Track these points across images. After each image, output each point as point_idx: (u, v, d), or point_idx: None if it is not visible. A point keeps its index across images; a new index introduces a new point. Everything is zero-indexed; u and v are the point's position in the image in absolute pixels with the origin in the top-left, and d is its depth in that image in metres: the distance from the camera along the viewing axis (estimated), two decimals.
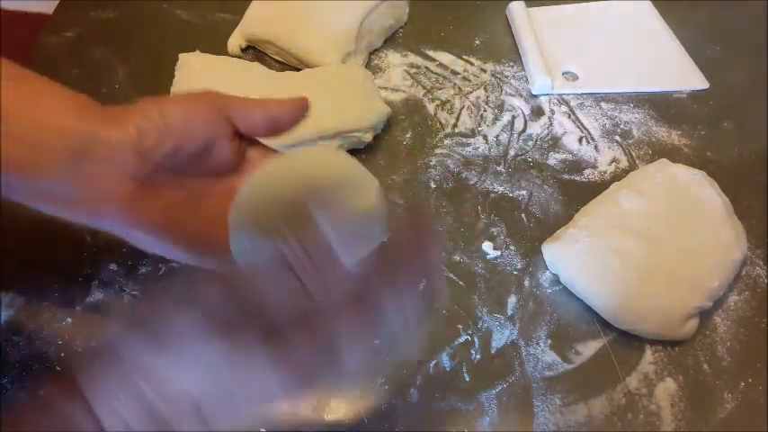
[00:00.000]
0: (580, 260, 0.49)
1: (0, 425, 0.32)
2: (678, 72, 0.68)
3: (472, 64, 0.68)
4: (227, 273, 0.32)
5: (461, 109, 0.64)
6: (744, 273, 0.52)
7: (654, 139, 0.62)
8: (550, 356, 0.47)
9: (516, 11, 0.72)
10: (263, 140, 0.42)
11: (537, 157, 0.60)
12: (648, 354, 0.47)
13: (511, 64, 0.69)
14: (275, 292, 0.30)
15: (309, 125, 0.56)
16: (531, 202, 0.56)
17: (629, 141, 0.62)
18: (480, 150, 0.60)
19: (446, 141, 0.61)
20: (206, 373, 0.29)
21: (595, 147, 0.61)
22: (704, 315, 0.49)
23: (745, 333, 0.48)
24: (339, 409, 0.44)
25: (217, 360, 0.29)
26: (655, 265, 0.48)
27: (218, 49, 0.66)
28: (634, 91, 0.66)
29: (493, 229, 0.54)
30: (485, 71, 0.68)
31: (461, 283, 0.51)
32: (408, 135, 0.61)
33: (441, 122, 0.63)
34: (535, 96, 0.66)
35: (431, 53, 0.69)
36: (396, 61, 0.68)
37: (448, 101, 0.65)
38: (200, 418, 0.29)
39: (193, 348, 0.29)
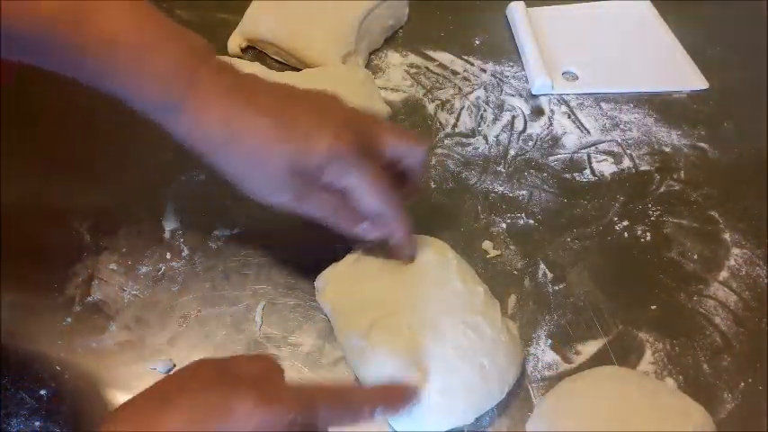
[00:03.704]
0: None
1: None
2: (678, 72, 0.68)
3: (472, 64, 0.68)
4: None
5: (461, 109, 0.64)
6: (744, 273, 0.52)
7: (654, 139, 0.62)
8: (550, 356, 0.47)
9: (516, 11, 0.72)
10: None
11: (537, 157, 0.60)
12: (648, 354, 0.47)
13: (511, 64, 0.69)
14: None
15: None
16: (531, 202, 0.56)
17: (629, 141, 0.62)
18: (480, 150, 0.60)
19: (446, 141, 0.61)
20: None
21: (595, 147, 0.61)
22: (704, 315, 0.49)
23: (745, 333, 0.48)
24: None
25: None
26: None
27: (218, 49, 0.65)
28: (634, 91, 0.66)
29: (493, 229, 0.54)
30: (485, 71, 0.68)
31: None
32: None
33: (441, 122, 0.63)
34: (535, 96, 0.66)
35: (431, 53, 0.69)
36: (396, 61, 0.68)
37: (448, 101, 0.65)
38: None
39: None
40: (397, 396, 0.40)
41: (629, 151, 0.61)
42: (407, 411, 0.41)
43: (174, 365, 0.46)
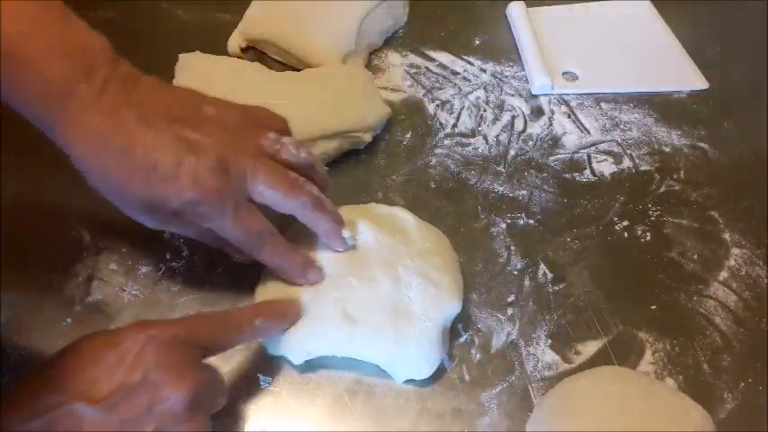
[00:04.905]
0: None
1: (0, 423, 0.32)
2: (678, 72, 0.68)
3: (472, 64, 0.68)
4: None
5: (461, 109, 0.64)
6: (744, 273, 0.52)
7: (654, 139, 0.62)
8: (550, 356, 0.47)
9: (516, 11, 0.72)
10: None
11: (537, 157, 0.60)
12: (648, 354, 0.47)
13: (511, 64, 0.69)
14: None
15: (310, 125, 0.56)
16: (531, 202, 0.56)
17: (629, 141, 0.62)
18: (480, 150, 0.60)
19: (446, 141, 0.61)
20: None
21: (595, 147, 0.61)
22: (704, 315, 0.49)
23: (745, 333, 0.48)
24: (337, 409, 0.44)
25: None
26: None
27: (219, 49, 0.66)
28: (634, 91, 0.66)
29: (493, 229, 0.54)
30: (485, 71, 0.68)
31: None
32: (408, 135, 0.61)
33: (441, 122, 0.63)
34: (535, 96, 0.66)
35: (431, 53, 0.69)
36: (396, 61, 0.68)
37: (448, 101, 0.65)
38: None
39: None
40: (278, 308, 0.43)
41: (629, 151, 0.61)
42: (288, 326, 0.44)
43: None
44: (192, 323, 0.38)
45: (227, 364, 0.45)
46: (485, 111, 0.64)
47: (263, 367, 0.46)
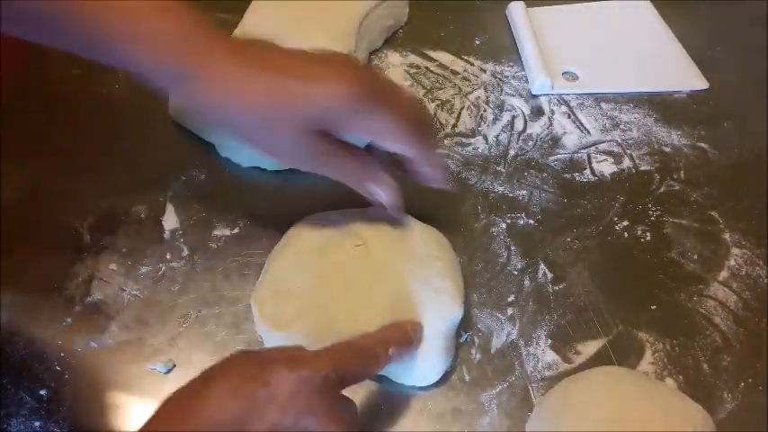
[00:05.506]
0: None
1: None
2: (678, 72, 0.68)
3: (472, 64, 0.68)
4: None
5: (461, 109, 0.64)
6: (744, 273, 0.52)
7: (654, 140, 0.62)
8: (550, 356, 0.47)
9: (516, 11, 0.72)
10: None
11: (537, 157, 0.60)
12: (648, 354, 0.47)
13: (511, 64, 0.69)
14: None
15: None
16: (531, 202, 0.56)
17: (629, 141, 0.62)
18: (480, 150, 0.60)
19: (446, 141, 0.61)
20: None
21: (595, 147, 0.61)
22: (704, 315, 0.49)
23: (745, 333, 0.48)
24: None
25: None
26: None
27: None
28: (634, 91, 0.66)
29: (493, 229, 0.54)
30: (485, 71, 0.68)
31: None
32: None
33: (441, 122, 0.63)
34: (535, 96, 0.66)
35: (431, 53, 0.69)
36: (396, 61, 0.68)
37: (448, 101, 0.65)
38: None
39: None
40: (404, 332, 0.43)
41: (629, 151, 0.61)
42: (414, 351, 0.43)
43: (174, 365, 0.46)
44: (339, 361, 0.37)
45: None
46: (485, 111, 0.64)
47: None
